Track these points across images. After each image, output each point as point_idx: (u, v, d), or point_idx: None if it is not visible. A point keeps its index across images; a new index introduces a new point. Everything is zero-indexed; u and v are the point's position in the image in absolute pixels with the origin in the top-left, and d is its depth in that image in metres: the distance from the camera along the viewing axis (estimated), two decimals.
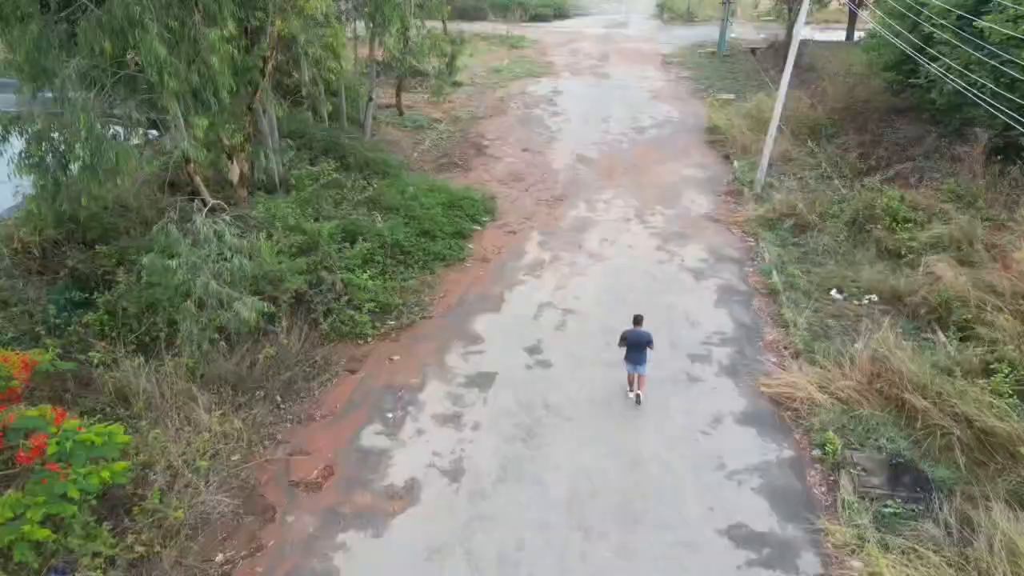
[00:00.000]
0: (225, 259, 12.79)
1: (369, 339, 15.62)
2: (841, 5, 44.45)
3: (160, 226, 12.69)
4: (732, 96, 33.42)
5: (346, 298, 15.83)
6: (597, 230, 21.06)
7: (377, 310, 16.12)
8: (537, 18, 54.08)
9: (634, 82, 36.95)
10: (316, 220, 17.07)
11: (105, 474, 9.53)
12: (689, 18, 54.12)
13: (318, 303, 15.45)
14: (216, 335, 13.29)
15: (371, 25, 20.86)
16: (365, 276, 16.09)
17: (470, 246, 19.94)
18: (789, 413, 13.47)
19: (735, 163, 25.58)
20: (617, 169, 25.66)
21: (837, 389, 13.50)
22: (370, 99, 22.79)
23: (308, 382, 14.12)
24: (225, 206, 15.06)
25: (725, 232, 20.87)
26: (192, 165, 14.74)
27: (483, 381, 14.42)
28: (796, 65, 36.94)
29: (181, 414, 12.12)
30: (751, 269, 18.85)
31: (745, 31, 48.44)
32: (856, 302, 17.14)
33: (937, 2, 20.12)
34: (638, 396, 13.70)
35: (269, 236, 15.59)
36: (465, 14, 53.03)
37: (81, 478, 9.24)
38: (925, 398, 12.92)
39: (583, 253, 19.70)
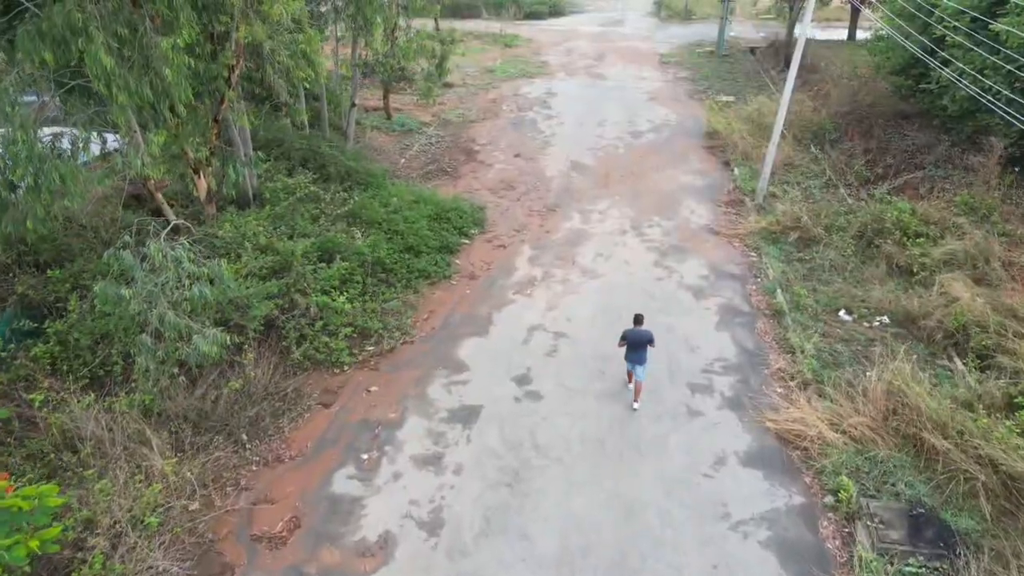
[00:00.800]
0: (184, 287, 11.67)
1: (346, 367, 14.54)
2: (843, 3, 43.45)
3: (112, 252, 11.57)
4: (732, 98, 32.35)
5: (321, 323, 14.74)
6: (591, 244, 19.98)
7: (355, 335, 15.06)
8: (532, 16, 53.03)
9: (630, 83, 35.88)
10: (291, 237, 15.97)
11: (34, 544, 8.43)
12: (686, 16, 53.06)
13: (291, 329, 14.36)
14: (176, 369, 12.19)
15: (352, 27, 19.73)
16: (342, 299, 14.99)
17: (457, 262, 18.86)
18: (798, 453, 12.42)
19: (735, 170, 24.52)
20: (613, 176, 24.59)
21: (850, 427, 12.46)
22: (353, 105, 21.66)
23: (277, 418, 13.02)
24: (189, 225, 13.95)
25: (726, 246, 19.81)
26: (152, 182, 13.63)
27: (467, 416, 13.35)
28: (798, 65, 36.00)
29: (132, 461, 11.03)
30: (754, 287, 17.80)
31: (744, 29, 47.39)
32: (866, 324, 16.10)
33: (950, 3, 19.05)
34: (633, 394, 13.71)
35: (237, 257, 14.51)
36: (458, 11, 51.95)
37: (5, 552, 8.15)
38: (946, 438, 11.88)
39: (576, 269, 18.64)
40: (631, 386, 13.84)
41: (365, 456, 12.37)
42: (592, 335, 15.75)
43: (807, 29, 20.05)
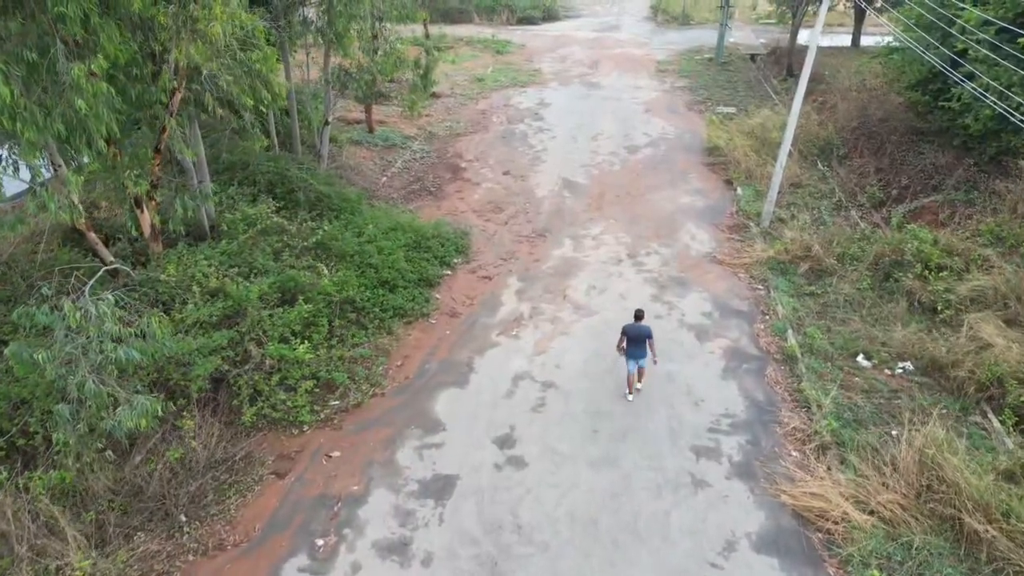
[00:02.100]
0: (109, 348, 10.04)
1: (305, 427, 12.91)
2: (847, 7, 41.90)
3: (23, 309, 9.94)
4: (732, 110, 30.80)
5: (279, 376, 13.12)
6: (584, 274, 18.37)
7: (317, 388, 13.43)
8: (525, 21, 51.49)
9: (626, 93, 34.29)
10: (248, 276, 14.33)
11: None
12: (684, 21, 51.52)
13: (243, 385, 12.71)
14: (102, 442, 10.56)
15: (324, 39, 18.10)
16: (303, 347, 13.36)
17: (437, 296, 17.24)
18: (819, 535, 10.81)
19: (738, 190, 22.93)
20: (607, 196, 22.99)
21: (879, 505, 10.86)
22: (326, 123, 20.00)
23: (222, 493, 11.37)
24: (128, 269, 12.33)
25: (730, 277, 18.21)
26: (85, 221, 11.99)
27: (440, 488, 11.71)
28: (800, 74, 34.43)
29: (41, 562, 9.38)
30: (762, 326, 16.20)
31: (743, 35, 45.87)
32: (888, 371, 14.53)
33: (974, 12, 17.47)
34: (638, 391, 13.91)
35: (183, 304, 12.86)
36: (449, 16, 50.45)
37: None
38: (990, 521, 10.30)
39: (567, 305, 17.03)
40: (630, 397, 13.81)
41: (321, 542, 10.73)
42: (584, 386, 14.13)
43: (817, 37, 18.41)
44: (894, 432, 12.68)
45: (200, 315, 12.66)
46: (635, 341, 13.32)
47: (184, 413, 11.69)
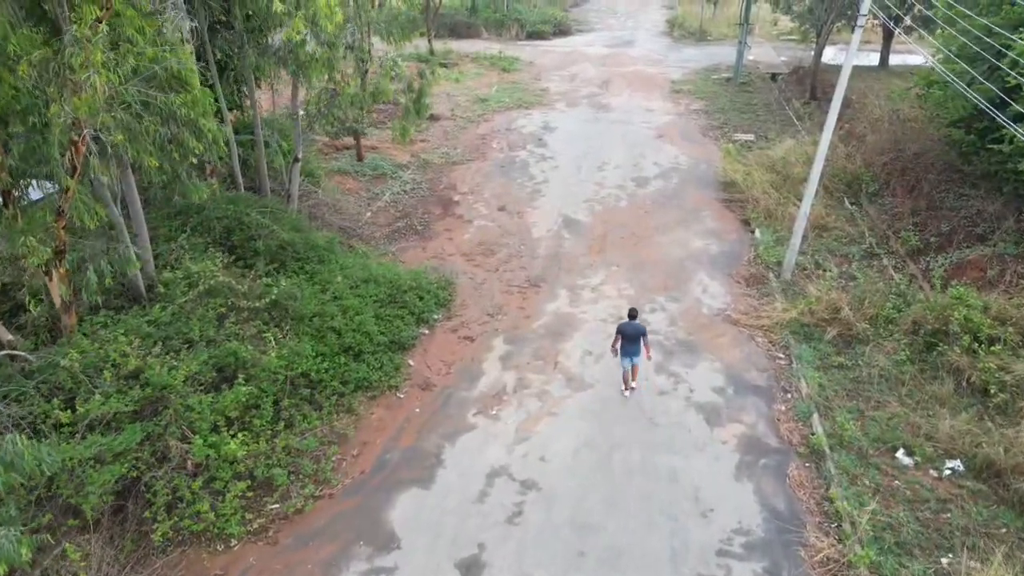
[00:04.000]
0: None
1: (234, 541, 10.81)
2: (873, 25, 39.48)
3: None
4: (751, 137, 28.53)
5: (205, 477, 11.04)
6: (579, 336, 16.20)
7: (251, 491, 11.34)
8: (535, 36, 49.39)
9: (638, 116, 32.10)
10: (180, 351, 12.27)
11: None
12: (701, 37, 49.26)
13: (159, 490, 10.64)
14: None
15: (289, 71, 16.11)
16: (236, 441, 11.28)
17: (410, 363, 15.13)
18: None
19: (757, 233, 20.65)
20: (611, 238, 20.80)
21: None
22: (296, 160, 17.96)
23: None
24: (26, 354, 10.33)
25: (746, 342, 15.95)
26: None
27: None
28: (824, 97, 32.04)
29: None
30: (783, 407, 13.93)
31: (763, 52, 43.54)
32: (934, 472, 12.22)
33: None
34: (632, 390, 14.13)
35: (90, 394, 10.81)
36: (456, 31, 48.58)
37: None
38: None
39: (558, 375, 14.85)
40: (627, 394, 14.12)
41: None
42: (571, 488, 11.93)
43: (849, 67, 16.04)
44: (945, 561, 10.40)
45: (109, 408, 10.61)
46: (630, 339, 13.56)
47: (84, 534, 9.63)
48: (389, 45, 24.70)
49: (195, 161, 11.52)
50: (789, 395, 14.24)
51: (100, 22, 8.71)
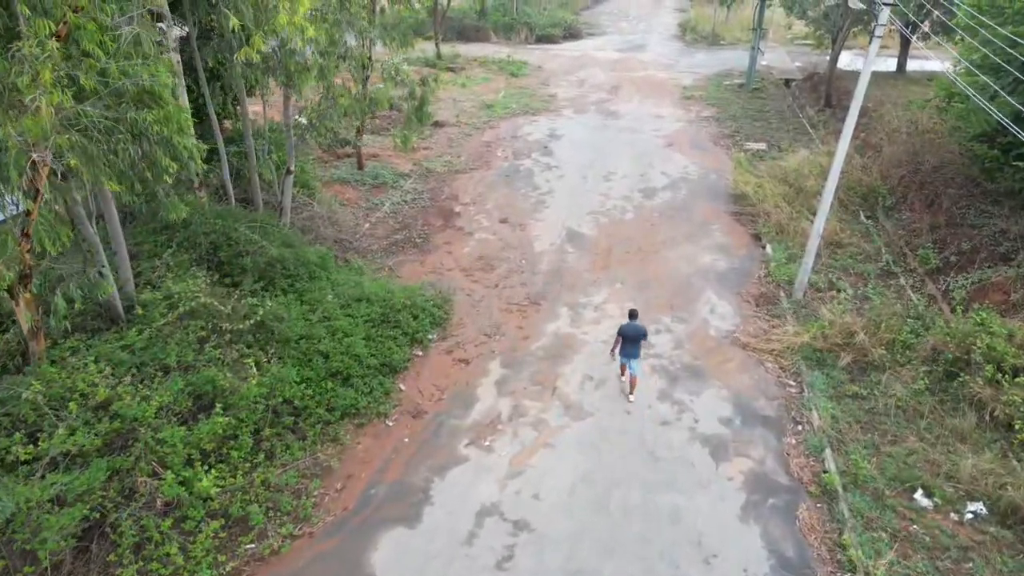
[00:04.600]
0: None
1: None
2: (891, 30, 38.51)
3: None
4: (763, 146, 27.72)
5: (176, 516, 10.41)
6: (580, 359, 15.47)
7: (225, 531, 10.70)
8: (544, 39, 48.72)
9: (647, 123, 31.34)
10: (155, 379, 11.64)
11: None
12: (714, 41, 48.47)
13: (125, 531, 10.01)
14: None
15: (279, 81, 15.47)
16: (210, 477, 10.63)
17: (401, 387, 14.46)
18: None
19: (768, 248, 19.85)
20: (616, 252, 20.06)
21: None
22: (288, 172, 17.32)
23: None
24: None
25: (755, 367, 15.17)
26: None
27: None
28: (839, 105, 31.14)
29: None
30: (794, 440, 13.15)
31: (777, 57, 42.71)
32: (955, 515, 11.41)
33: None
34: (627, 385, 14.16)
35: (54, 428, 10.19)
36: (464, 35, 48.03)
37: None
38: None
39: (556, 402, 14.13)
40: (624, 378, 14.27)
41: None
42: (565, 530, 11.19)
43: (866, 79, 15.22)
44: None
45: (74, 443, 9.99)
46: (631, 340, 13.61)
47: None
48: (391, 51, 24.06)
49: (169, 181, 10.83)
50: (800, 427, 13.45)
51: (57, 37, 8.10)
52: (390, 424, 13.50)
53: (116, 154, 9.74)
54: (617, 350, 14.08)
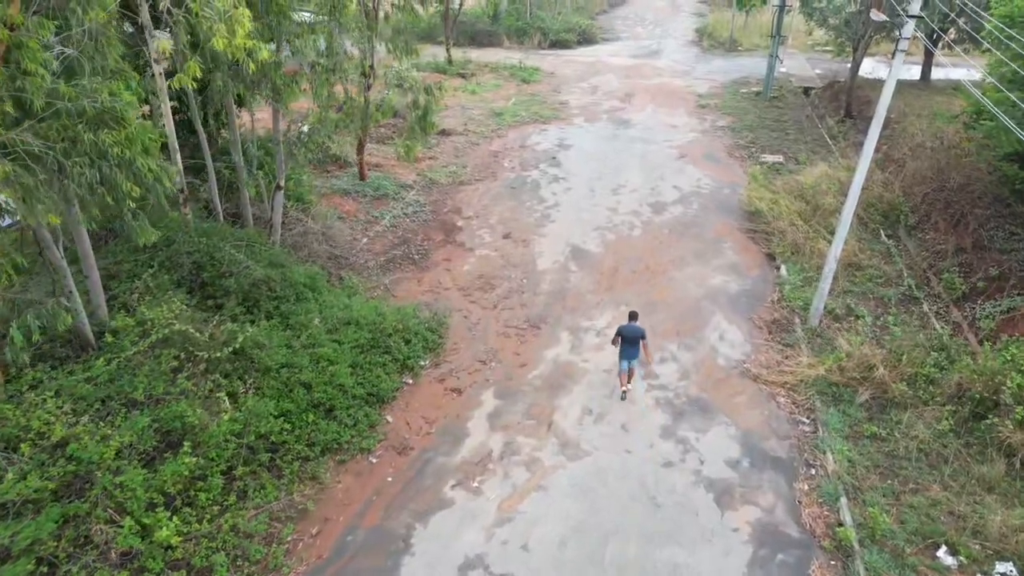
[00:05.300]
0: None
1: None
2: (916, 37, 37.22)
3: None
4: (780, 159, 26.69)
5: (133, 568, 9.66)
6: (579, 390, 14.61)
7: None
8: (558, 44, 47.81)
9: (660, 133, 30.39)
10: (119, 414, 10.92)
11: None
12: (731, 47, 47.34)
13: None
14: None
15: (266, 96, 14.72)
16: (170, 527, 9.86)
17: (388, 419, 13.67)
18: None
19: (782, 269, 18.87)
20: (622, 272, 19.16)
21: None
22: (278, 188, 16.59)
23: None
24: None
25: (766, 402, 14.23)
26: None
27: None
28: (860, 115, 30.02)
29: None
30: (806, 486, 12.20)
31: (796, 64, 41.57)
32: None
33: None
34: (624, 393, 14.13)
35: (3, 471, 9.48)
36: (477, 39, 47.25)
37: None
38: None
39: (552, 439, 13.27)
40: (621, 390, 14.15)
41: None
42: None
43: (889, 94, 14.25)
44: None
45: (25, 488, 9.27)
46: (629, 341, 13.74)
47: None
48: (396, 58, 23.36)
49: (132, 205, 10.10)
50: (813, 471, 12.50)
51: None
52: (374, 461, 12.69)
53: (72, 179, 9.00)
54: (617, 350, 14.23)
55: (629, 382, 14.12)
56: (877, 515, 11.16)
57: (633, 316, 14.08)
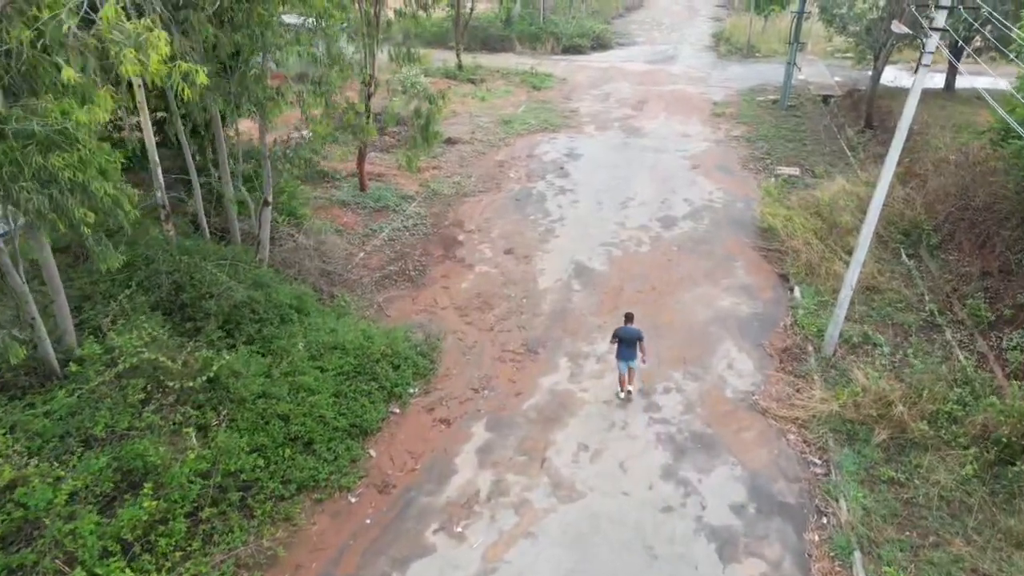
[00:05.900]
0: None
1: None
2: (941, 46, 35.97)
3: None
4: (796, 171, 25.70)
5: None
6: (576, 423, 13.76)
7: None
8: (571, 50, 47.01)
9: (672, 142, 29.48)
10: (76, 452, 10.24)
11: None
12: (749, 53, 46.30)
13: None
14: None
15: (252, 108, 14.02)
16: None
17: (371, 453, 12.89)
18: None
19: (796, 291, 17.92)
20: (627, 292, 18.29)
21: None
22: (265, 203, 15.88)
23: None
24: None
25: (775, 439, 13.30)
26: None
27: None
28: (881, 126, 28.92)
29: None
30: (817, 537, 11.28)
31: (815, 72, 40.49)
32: None
33: None
34: (628, 393, 14.16)
35: None
36: (489, 45, 46.55)
37: None
38: None
39: (544, 478, 12.43)
40: (622, 395, 14.20)
41: None
42: None
43: (913, 106, 13.27)
44: None
45: None
46: (626, 343, 13.70)
47: None
48: (399, 65, 22.72)
49: (88, 232, 9.41)
50: (825, 519, 11.57)
51: None
52: (353, 500, 11.92)
53: (18, 206, 8.31)
54: (615, 348, 14.10)
55: (630, 383, 14.13)
56: (894, 573, 10.23)
57: (629, 318, 14.00)
